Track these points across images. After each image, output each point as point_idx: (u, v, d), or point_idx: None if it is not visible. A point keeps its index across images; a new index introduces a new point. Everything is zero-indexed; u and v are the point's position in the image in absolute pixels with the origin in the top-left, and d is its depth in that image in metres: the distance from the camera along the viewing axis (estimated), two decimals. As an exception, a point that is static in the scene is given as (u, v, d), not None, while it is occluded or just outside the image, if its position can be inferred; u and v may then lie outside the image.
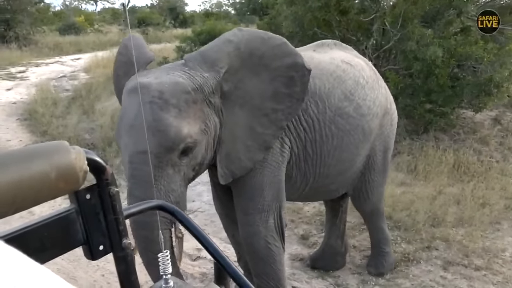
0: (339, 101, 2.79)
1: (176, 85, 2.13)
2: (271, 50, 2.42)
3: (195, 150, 2.20)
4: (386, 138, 3.25)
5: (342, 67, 2.90)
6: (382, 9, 7.50)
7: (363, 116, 2.91)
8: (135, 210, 1.01)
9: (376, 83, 3.10)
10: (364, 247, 4.07)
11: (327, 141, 2.79)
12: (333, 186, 3.12)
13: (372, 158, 3.19)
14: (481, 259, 3.88)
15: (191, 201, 5.12)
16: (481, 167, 5.82)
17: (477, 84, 6.46)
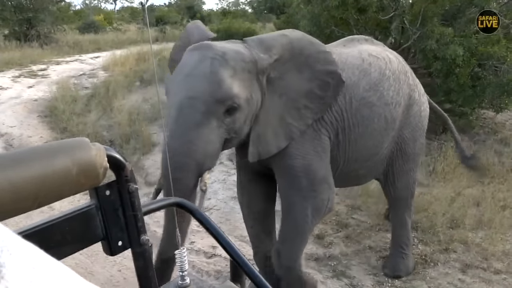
0: (364, 91, 3.00)
1: (237, 53, 2.41)
2: (317, 53, 2.70)
3: (237, 113, 2.39)
4: (415, 128, 3.42)
5: (369, 60, 3.10)
6: (401, 7, 7.39)
7: (387, 105, 3.10)
8: (154, 206, 1.02)
9: (403, 75, 3.27)
10: (380, 248, 4.03)
11: (354, 129, 3.01)
12: (361, 172, 3.32)
13: (400, 146, 3.38)
14: (501, 263, 3.80)
15: (207, 199, 5.15)
16: (502, 168, 5.69)
17: (499, 84, 6.31)
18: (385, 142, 3.24)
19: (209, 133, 2.31)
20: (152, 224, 4.42)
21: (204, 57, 2.34)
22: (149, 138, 6.59)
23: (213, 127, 2.32)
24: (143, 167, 6.01)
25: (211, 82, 2.28)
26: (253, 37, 2.67)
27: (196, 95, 2.28)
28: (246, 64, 2.41)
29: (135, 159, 6.17)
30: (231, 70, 2.34)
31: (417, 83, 3.50)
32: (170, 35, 19.80)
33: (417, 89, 3.43)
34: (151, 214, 1.06)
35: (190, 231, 4.20)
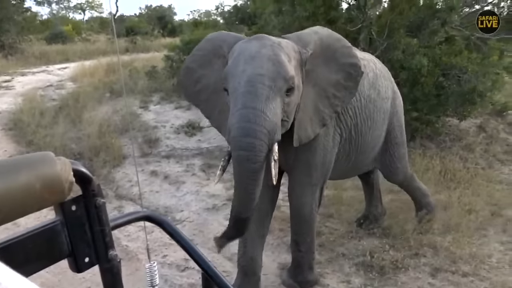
0: (367, 90, 3.50)
1: (288, 43, 2.78)
2: (342, 48, 3.06)
3: (292, 95, 2.67)
4: (400, 116, 4.09)
5: (362, 62, 3.37)
6: (369, 19, 7.62)
7: (383, 100, 3.69)
8: (122, 221, 1.00)
9: (386, 73, 3.91)
10: (353, 255, 4.08)
11: (364, 124, 3.50)
12: (366, 161, 3.90)
13: (392, 133, 3.96)
14: (468, 265, 3.91)
15: (179, 211, 5.09)
16: (467, 174, 5.90)
17: (461, 93, 6.57)
18: (383, 132, 3.85)
19: (277, 107, 2.55)
20: (123, 238, 4.33)
21: (264, 44, 2.64)
22: (120, 150, 6.46)
23: (278, 102, 2.57)
24: (113, 180, 5.89)
25: (276, 62, 2.57)
26: (291, 34, 3.03)
27: (263, 72, 2.52)
28: (296, 54, 2.76)
29: (105, 172, 6.03)
30: (287, 56, 2.65)
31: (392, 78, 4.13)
32: (141, 46, 19.60)
33: (394, 83, 4.09)
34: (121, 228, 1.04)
35: (163, 244, 4.14)
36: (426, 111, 6.66)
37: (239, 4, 21.14)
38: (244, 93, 2.50)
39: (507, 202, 5.20)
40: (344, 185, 5.63)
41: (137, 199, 5.26)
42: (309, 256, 3.51)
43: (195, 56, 3.16)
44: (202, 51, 3.13)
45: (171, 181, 5.87)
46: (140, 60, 12.96)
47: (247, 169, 2.48)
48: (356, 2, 7.81)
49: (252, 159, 2.45)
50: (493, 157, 6.91)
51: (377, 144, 3.84)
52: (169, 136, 7.21)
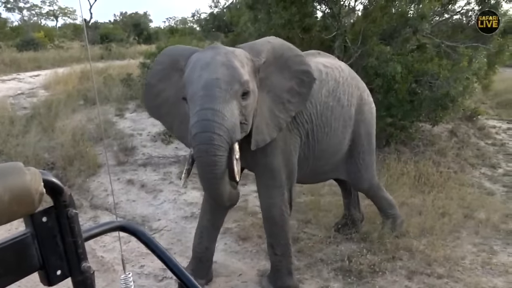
0: (325, 97, 3.57)
1: (241, 52, 2.96)
2: (294, 57, 3.22)
3: (249, 99, 2.85)
4: (368, 124, 4.01)
5: (325, 70, 3.66)
6: (343, 27, 7.76)
7: (343, 107, 3.70)
8: (95, 232, 0.98)
9: (352, 80, 3.88)
10: (331, 260, 4.11)
11: (320, 130, 3.57)
12: (326, 168, 3.91)
13: (358, 142, 3.93)
14: (443, 267, 4.00)
15: (156, 220, 5.02)
16: (440, 178, 6.05)
17: (434, 99, 6.76)
18: (345, 139, 3.82)
19: (234, 109, 2.73)
20: (98, 249, 4.23)
21: (218, 52, 2.83)
22: (95, 159, 6.33)
23: (235, 105, 2.74)
24: (88, 189, 5.76)
25: (230, 67, 2.75)
26: (245, 44, 3.21)
27: (219, 77, 2.70)
28: (249, 61, 2.93)
29: (79, 181, 5.89)
30: (240, 62, 2.83)
31: (364, 85, 4.13)
32: (116, 53, 19.34)
33: (365, 90, 4.05)
34: (97, 238, 1.02)
35: (140, 254, 4.07)
36: (400, 116, 6.82)
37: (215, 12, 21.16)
38: (202, 96, 2.67)
39: (478, 205, 5.36)
40: (322, 190, 5.68)
41: (112, 209, 5.16)
42: (287, 260, 3.55)
43: (154, 71, 3.30)
44: (160, 66, 3.26)
45: (148, 190, 5.79)
46: (115, 68, 12.78)
47: (207, 162, 2.66)
48: (331, 11, 7.94)
49: (210, 151, 2.62)
50: (465, 161, 7.12)
51: (337, 151, 3.84)
52: (145, 144, 7.12)
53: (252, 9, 8.49)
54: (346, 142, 3.86)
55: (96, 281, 0.85)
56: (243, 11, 10.36)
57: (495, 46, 7.95)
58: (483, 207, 5.33)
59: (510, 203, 5.69)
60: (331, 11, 7.92)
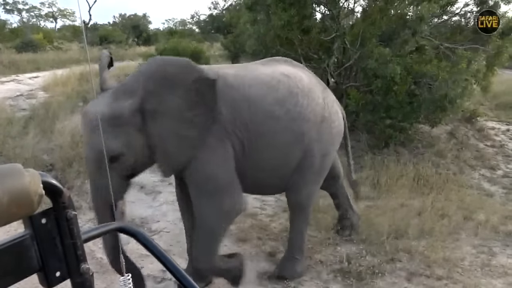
0: (270, 105, 3.30)
1: (103, 114, 2.83)
2: (180, 70, 3.03)
3: (121, 158, 2.94)
4: (326, 144, 3.66)
5: (279, 78, 3.42)
6: (342, 28, 7.78)
7: (293, 120, 3.38)
8: (94, 233, 0.98)
9: (313, 93, 3.55)
10: (331, 262, 4.11)
11: (260, 139, 3.30)
12: (271, 181, 3.60)
13: (309, 159, 3.58)
14: (442, 269, 4.00)
15: (155, 222, 5.01)
16: (439, 179, 6.06)
17: (433, 100, 6.77)
18: (293, 154, 3.49)
19: (105, 178, 2.83)
20: (97, 250, 4.21)
21: (85, 125, 2.98)
22: (94, 160, 6.31)
23: (103, 171, 2.86)
24: (87, 191, 5.73)
25: (92, 146, 2.91)
26: (118, 84, 3.14)
27: (89, 152, 2.96)
28: (112, 121, 2.86)
29: (78, 183, 5.88)
30: (99, 132, 2.84)
31: (331, 102, 3.74)
32: (115, 55, 19.29)
33: (328, 107, 3.67)
34: (96, 240, 1.02)
35: (139, 256, 4.05)
36: (400, 118, 6.83)
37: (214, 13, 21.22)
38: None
39: (477, 206, 5.36)
40: (321, 192, 5.67)
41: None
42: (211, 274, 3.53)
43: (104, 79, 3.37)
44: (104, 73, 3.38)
45: (147, 191, 5.79)
46: (114, 69, 12.77)
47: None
48: (330, 12, 7.96)
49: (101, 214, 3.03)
50: (464, 162, 7.12)
51: (282, 165, 3.50)
52: (144, 146, 7.10)
53: (251, 11, 8.51)
54: (295, 157, 3.51)
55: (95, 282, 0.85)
56: (242, 12, 10.38)
57: (493, 47, 7.96)
58: (482, 208, 5.33)
59: (509, 204, 5.70)
60: (330, 13, 7.94)
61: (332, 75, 8.24)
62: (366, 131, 7.22)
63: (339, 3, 7.92)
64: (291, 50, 7.91)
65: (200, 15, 29.27)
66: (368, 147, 7.08)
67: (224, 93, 3.13)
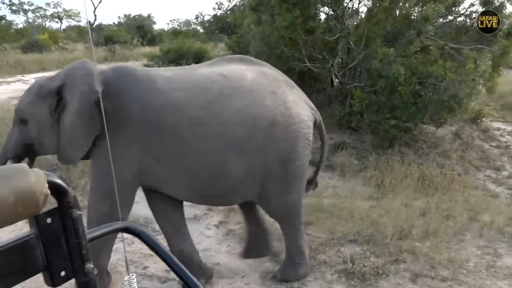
0: (197, 110, 3.10)
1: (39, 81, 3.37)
2: (81, 76, 3.14)
3: (28, 125, 3.17)
4: (284, 151, 3.31)
5: (212, 79, 3.19)
6: (347, 29, 7.77)
7: (223, 125, 3.12)
8: (99, 233, 0.98)
9: (255, 94, 3.20)
10: (335, 262, 4.10)
11: (187, 146, 3.13)
12: (214, 192, 3.36)
13: (267, 169, 3.32)
14: (447, 270, 3.98)
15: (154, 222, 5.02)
16: (444, 180, 6.03)
17: (440, 101, 6.74)
18: (234, 163, 3.19)
19: (13, 133, 3.24)
20: (102, 250, 4.23)
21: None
22: (98, 160, 6.34)
23: (16, 129, 3.21)
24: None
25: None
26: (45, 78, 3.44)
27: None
28: (39, 88, 3.20)
29: (82, 183, 5.91)
30: (28, 92, 3.28)
31: (291, 103, 3.33)
32: (120, 55, 19.44)
33: (284, 110, 3.27)
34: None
35: (143, 256, 4.07)
36: (404, 118, 6.80)
37: (219, 14, 21.23)
38: None
39: (482, 207, 5.33)
40: (325, 192, 5.67)
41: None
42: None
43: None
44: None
45: (151, 191, 5.79)
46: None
47: None
48: (334, 13, 7.95)
49: None
50: (469, 163, 7.09)
51: (222, 174, 3.22)
52: (149, 146, 7.13)
53: (256, 11, 8.50)
54: (239, 166, 3.21)
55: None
56: (246, 13, 10.38)
57: (499, 48, 7.92)
58: (488, 209, 5.31)
59: (514, 205, 5.66)
60: (335, 13, 7.93)
61: (337, 75, 8.22)
62: (370, 131, 7.19)
63: (343, 3, 7.91)
64: (296, 50, 7.91)
65: (204, 16, 29.28)
66: (372, 147, 7.06)
67: (147, 97, 3.09)
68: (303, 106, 3.47)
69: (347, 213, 4.98)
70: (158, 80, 3.18)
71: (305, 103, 3.53)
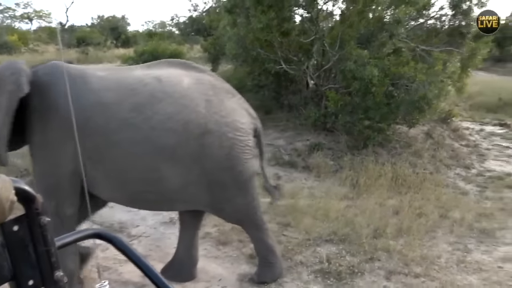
0: (127, 112, 3.06)
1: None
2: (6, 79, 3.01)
3: None
4: (219, 158, 3.23)
5: (146, 81, 3.15)
6: (321, 31, 7.87)
7: (154, 129, 3.07)
8: (69, 240, 0.96)
9: (189, 101, 3.15)
10: (311, 263, 4.14)
11: (116, 148, 3.07)
12: (152, 196, 3.27)
13: (211, 176, 3.24)
14: (420, 267, 4.08)
15: (135, 226, 4.95)
16: (417, 179, 6.19)
17: (411, 102, 6.92)
18: (168, 170, 3.13)
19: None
20: (75, 256, 4.14)
21: None
22: (71, 164, 6.20)
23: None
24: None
25: None
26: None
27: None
28: None
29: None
30: None
31: (224, 112, 3.26)
32: (93, 57, 19.07)
33: (216, 118, 3.21)
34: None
35: (118, 262, 4.00)
36: (378, 119, 6.95)
37: (194, 16, 21.14)
38: None
39: (453, 205, 5.50)
40: (301, 193, 5.73)
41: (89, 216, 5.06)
42: None
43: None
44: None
45: (126, 195, 5.71)
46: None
47: None
48: (309, 15, 8.04)
49: None
50: (440, 162, 7.29)
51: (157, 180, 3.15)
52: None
53: (231, 13, 8.52)
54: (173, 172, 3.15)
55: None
56: (222, 15, 10.37)
57: (468, 50, 8.20)
58: (458, 207, 5.47)
59: (483, 202, 5.86)
60: (309, 15, 8.02)
61: (312, 77, 8.32)
62: (345, 132, 7.31)
63: (318, 5, 8.01)
64: (271, 52, 7.96)
65: (179, 17, 29.05)
66: (347, 148, 7.18)
67: (78, 96, 3.03)
68: (242, 114, 3.43)
69: (323, 213, 5.04)
70: (92, 79, 3.15)
71: (246, 111, 3.49)
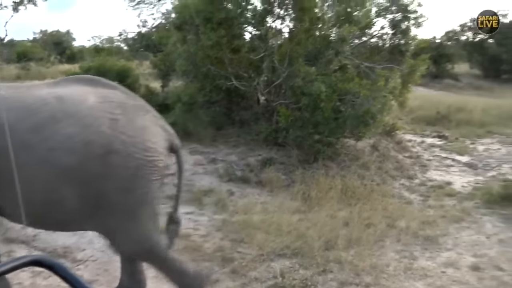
0: (25, 133, 2.89)
1: None
2: None
3: None
4: (123, 180, 3.01)
5: (47, 101, 2.99)
6: (271, 48, 8.04)
7: (52, 150, 2.91)
8: (7, 267, 0.91)
9: (92, 120, 2.98)
10: (265, 278, 4.13)
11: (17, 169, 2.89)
12: (59, 217, 3.10)
13: (105, 199, 3.00)
14: (370, 276, 4.19)
15: (81, 250, 4.71)
16: (365, 190, 6.40)
17: (356, 116, 7.21)
18: (70, 190, 2.96)
19: None
20: (14, 286, 3.86)
21: None
22: (11, 187, 5.83)
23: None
24: (1, 221, 5.26)
25: None
26: None
27: None
28: None
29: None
30: None
31: (132, 132, 3.06)
32: (35, 72, 18.21)
33: (123, 138, 3.00)
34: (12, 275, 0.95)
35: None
36: (327, 133, 7.16)
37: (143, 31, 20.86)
38: None
39: (399, 214, 5.73)
40: (254, 209, 5.74)
41: (30, 241, 4.77)
42: None
43: None
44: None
45: (72, 218, 5.43)
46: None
47: None
48: (259, 32, 8.20)
49: None
50: (386, 173, 7.61)
51: (55, 202, 3.00)
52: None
53: (181, 30, 8.50)
54: (71, 194, 2.97)
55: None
56: (171, 31, 10.32)
57: (407, 67, 8.73)
58: (404, 216, 5.71)
59: (426, 211, 6.16)
60: (259, 33, 8.18)
61: (263, 93, 8.44)
62: (296, 146, 7.45)
63: (266, 23, 8.20)
64: (222, 68, 8.00)
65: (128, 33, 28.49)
66: (298, 162, 7.31)
67: None
68: (154, 133, 3.20)
69: (276, 228, 5.06)
70: None
71: (160, 128, 3.27)
